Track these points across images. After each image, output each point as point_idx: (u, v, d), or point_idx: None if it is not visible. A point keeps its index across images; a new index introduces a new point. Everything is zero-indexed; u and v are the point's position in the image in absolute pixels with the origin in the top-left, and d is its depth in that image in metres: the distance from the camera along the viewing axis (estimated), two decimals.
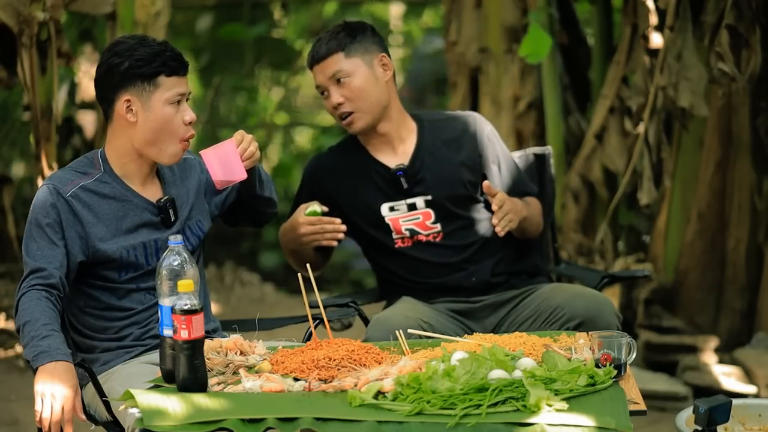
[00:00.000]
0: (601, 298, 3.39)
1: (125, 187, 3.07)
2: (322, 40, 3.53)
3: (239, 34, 8.54)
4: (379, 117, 3.52)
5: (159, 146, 3.04)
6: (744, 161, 5.12)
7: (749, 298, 5.17)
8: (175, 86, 3.03)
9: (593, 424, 2.48)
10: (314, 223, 3.47)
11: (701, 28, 4.80)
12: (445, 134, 3.60)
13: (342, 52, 3.49)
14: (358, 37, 3.51)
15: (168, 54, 3.02)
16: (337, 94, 3.49)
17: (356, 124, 3.51)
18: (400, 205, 3.55)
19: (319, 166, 3.65)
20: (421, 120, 3.63)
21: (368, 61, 3.51)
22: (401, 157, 3.57)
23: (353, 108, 3.49)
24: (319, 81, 3.53)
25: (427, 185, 3.55)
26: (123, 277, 3.06)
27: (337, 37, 3.51)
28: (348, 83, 3.48)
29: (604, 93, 5.31)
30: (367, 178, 3.57)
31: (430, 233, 3.55)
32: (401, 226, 3.55)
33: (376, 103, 3.51)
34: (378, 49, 3.54)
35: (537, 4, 5.33)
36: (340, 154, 3.64)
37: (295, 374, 2.74)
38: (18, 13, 4.84)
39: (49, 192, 3.00)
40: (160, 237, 3.08)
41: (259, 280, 7.62)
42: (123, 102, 3.02)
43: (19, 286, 2.95)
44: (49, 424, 2.71)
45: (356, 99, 3.49)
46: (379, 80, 3.52)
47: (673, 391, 4.81)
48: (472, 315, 3.53)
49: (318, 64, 3.52)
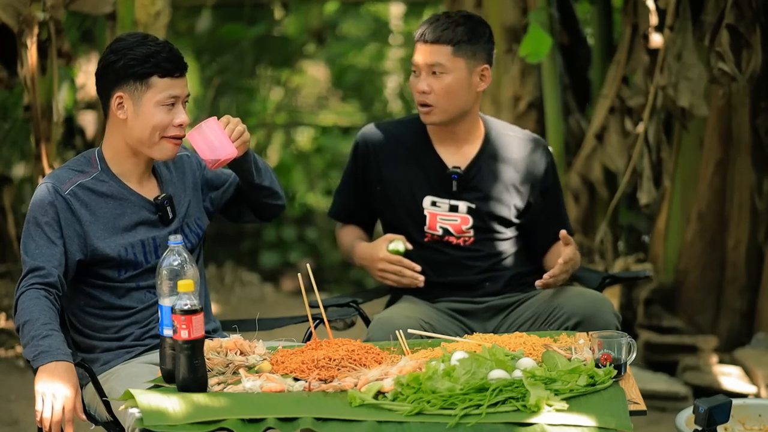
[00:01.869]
0: (600, 297, 3.39)
1: (122, 185, 3.08)
2: (440, 22, 3.45)
3: (239, 34, 8.53)
4: (455, 119, 3.50)
5: (149, 144, 3.04)
6: (744, 161, 5.12)
7: (749, 298, 5.17)
8: (168, 88, 3.02)
9: (593, 424, 2.48)
10: (394, 263, 3.45)
11: (701, 28, 4.80)
12: (508, 151, 3.57)
13: (452, 47, 3.42)
14: (474, 38, 3.45)
15: (163, 55, 3.01)
16: (426, 82, 3.44)
17: (430, 117, 3.48)
18: (443, 202, 3.54)
19: (376, 136, 3.60)
20: (490, 127, 3.59)
21: (471, 66, 3.46)
22: (461, 158, 3.54)
23: (435, 102, 3.45)
24: (416, 60, 3.47)
25: (476, 195, 3.53)
26: (122, 275, 3.06)
27: (455, 29, 3.43)
28: (442, 78, 3.43)
29: (605, 93, 5.31)
30: (420, 165, 3.54)
31: (461, 237, 3.54)
32: (437, 223, 3.53)
33: (458, 108, 3.47)
34: (485, 59, 3.48)
35: (537, 4, 5.33)
36: (402, 129, 3.60)
37: (295, 374, 2.74)
38: (18, 13, 4.84)
39: (47, 190, 3.00)
40: (158, 235, 3.09)
41: (259, 280, 7.61)
42: (115, 98, 3.03)
43: (18, 284, 2.95)
44: (50, 424, 2.70)
45: (442, 96, 3.44)
46: (471, 88, 3.47)
47: (673, 391, 4.81)
48: (474, 315, 3.53)
49: (424, 45, 3.45)
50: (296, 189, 9.18)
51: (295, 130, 9.62)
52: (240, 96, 9.15)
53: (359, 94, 9.56)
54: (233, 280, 7.43)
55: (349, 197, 3.65)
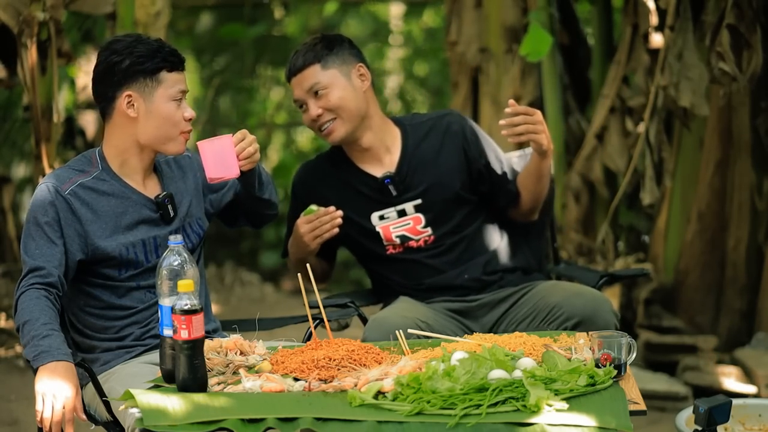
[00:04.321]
0: (599, 296, 3.39)
1: (123, 183, 3.08)
2: (299, 52, 3.53)
3: (239, 34, 8.54)
4: (359, 127, 3.52)
5: (163, 140, 3.06)
6: (744, 161, 5.12)
7: (749, 298, 5.17)
8: (177, 83, 3.05)
9: (593, 424, 2.48)
10: (311, 220, 3.46)
11: (702, 28, 4.80)
12: (428, 137, 3.60)
13: (319, 63, 3.49)
14: (335, 48, 3.51)
15: (167, 50, 3.05)
16: (315, 106, 3.49)
17: (335, 134, 3.51)
18: (389, 212, 3.56)
19: (307, 175, 3.66)
20: (404, 125, 3.62)
21: (346, 72, 3.51)
22: (388, 166, 3.57)
23: (332, 117, 3.49)
24: (297, 95, 3.53)
25: (416, 190, 3.55)
26: (123, 275, 3.06)
27: (313, 48, 3.51)
28: (326, 95, 3.48)
29: (605, 93, 5.31)
30: (354, 189, 3.58)
31: (420, 237, 3.56)
32: (392, 233, 3.56)
33: (356, 113, 3.50)
34: (355, 60, 3.54)
35: (537, 3, 5.33)
36: (327, 163, 3.65)
37: (295, 374, 2.74)
38: (18, 13, 4.84)
39: (47, 190, 3.00)
40: (159, 234, 3.09)
41: (259, 280, 7.62)
42: (124, 98, 3.03)
43: (18, 284, 2.95)
44: (50, 424, 2.70)
45: (335, 110, 3.48)
46: (357, 91, 3.51)
47: (673, 391, 4.81)
48: (470, 314, 3.53)
49: (295, 77, 3.52)
50: None
51: (295, 130, 9.62)
52: (240, 96, 9.16)
53: None
54: (233, 280, 7.43)
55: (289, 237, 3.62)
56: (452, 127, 3.61)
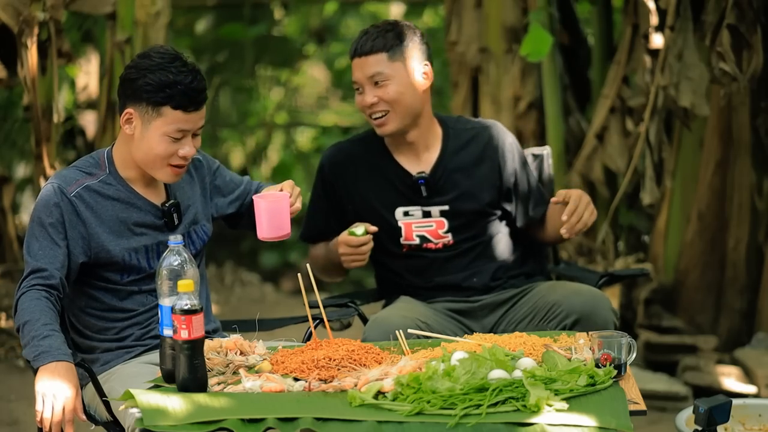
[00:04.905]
0: (598, 294, 3.39)
1: (129, 189, 3.07)
2: (369, 34, 3.46)
3: (239, 34, 8.53)
4: (410, 124, 3.49)
5: (150, 166, 3.02)
6: (744, 161, 5.12)
7: (749, 298, 5.17)
8: (178, 122, 2.96)
9: (593, 424, 2.48)
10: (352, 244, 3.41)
11: (702, 28, 4.80)
12: (468, 146, 3.57)
13: (386, 53, 3.43)
14: (406, 41, 3.46)
15: (180, 88, 2.93)
16: (371, 94, 3.44)
17: (386, 127, 3.47)
18: (415, 210, 3.54)
19: (340, 155, 3.60)
20: (448, 127, 3.59)
21: (411, 68, 3.46)
22: (424, 164, 3.54)
23: (385, 112, 3.45)
24: (356, 77, 3.48)
25: (446, 196, 3.53)
26: (125, 279, 3.06)
27: (385, 36, 3.45)
28: (385, 87, 3.43)
29: (605, 93, 5.31)
30: (386, 179, 3.54)
31: (440, 241, 3.54)
32: (413, 232, 3.53)
33: (410, 111, 3.46)
34: (423, 57, 3.48)
35: (537, 3, 5.33)
36: (361, 147, 3.59)
37: (295, 374, 2.74)
38: (18, 13, 4.84)
39: (53, 191, 2.99)
40: (162, 240, 3.06)
41: (259, 280, 7.61)
42: (125, 114, 3.00)
43: (19, 285, 2.94)
44: (50, 424, 2.70)
45: (391, 103, 3.44)
46: (416, 89, 3.47)
47: (673, 391, 4.80)
48: (471, 314, 3.53)
49: (359, 58, 3.46)
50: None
51: (295, 130, 9.62)
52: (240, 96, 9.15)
53: None
54: (233, 280, 7.43)
55: (319, 221, 3.63)
56: (493, 142, 3.58)
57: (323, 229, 3.62)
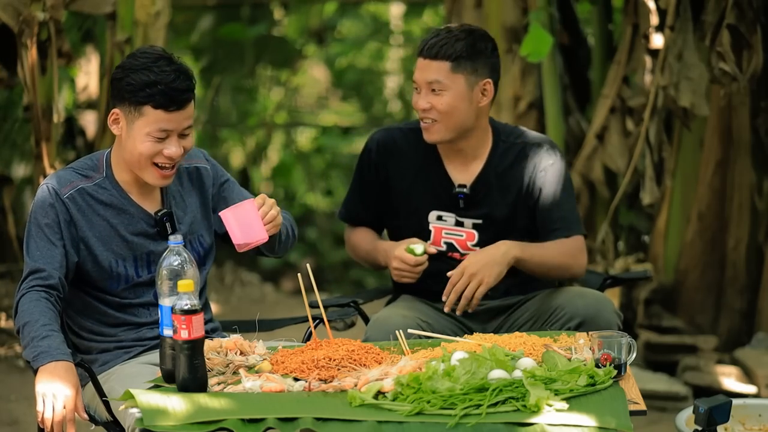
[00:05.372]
0: (601, 297, 3.38)
1: (124, 195, 3.05)
2: (440, 37, 3.36)
3: (239, 34, 8.54)
4: (457, 136, 3.42)
5: (135, 167, 3.00)
6: (744, 161, 5.12)
7: (749, 298, 5.17)
8: (160, 122, 2.93)
9: (593, 424, 2.48)
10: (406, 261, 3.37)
11: (702, 28, 4.80)
12: (513, 161, 3.49)
13: (451, 63, 3.34)
14: (475, 55, 3.36)
15: (160, 87, 2.90)
16: (425, 99, 3.38)
17: (432, 135, 3.41)
18: (449, 217, 3.48)
19: (390, 142, 3.53)
20: (498, 138, 3.50)
21: (472, 83, 3.37)
22: (468, 174, 3.47)
23: (436, 120, 3.38)
24: (416, 77, 3.40)
25: (482, 210, 3.47)
26: (115, 288, 3.04)
27: (454, 44, 3.34)
28: (440, 96, 3.35)
29: (605, 93, 5.31)
30: (427, 180, 3.49)
31: (466, 253, 3.48)
32: (442, 238, 3.49)
33: (458, 125, 3.39)
34: (487, 74, 3.39)
35: (537, 4, 5.33)
36: (411, 141, 3.52)
37: (295, 374, 2.74)
38: (18, 13, 4.84)
39: (48, 192, 2.99)
40: (153, 250, 3.05)
41: (259, 280, 7.62)
42: (112, 113, 3.00)
43: (19, 286, 2.94)
44: (51, 424, 2.70)
45: (442, 113, 3.37)
46: (471, 104, 3.38)
47: (673, 391, 4.80)
48: (473, 316, 3.51)
49: (424, 59, 3.37)
50: (296, 189, 9.19)
51: (295, 130, 9.63)
52: (240, 96, 9.16)
53: (359, 94, 9.57)
54: (233, 280, 7.43)
55: (359, 201, 3.60)
56: (541, 163, 3.49)
57: (361, 211, 3.60)
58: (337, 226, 9.24)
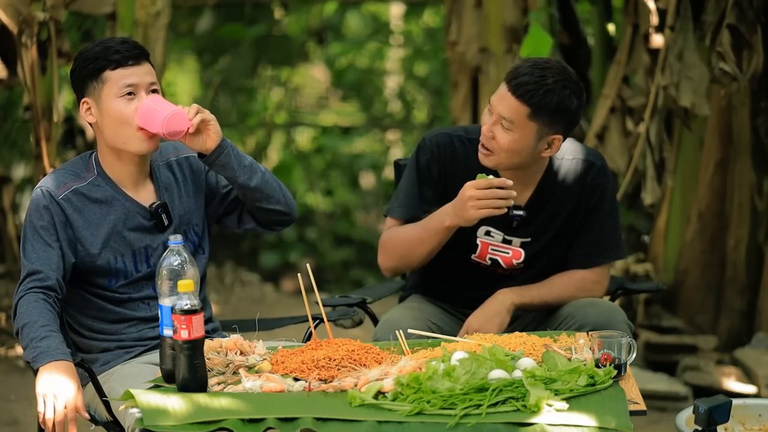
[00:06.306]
0: (612, 306, 3.34)
1: (117, 190, 3.05)
2: (533, 77, 3.18)
3: (239, 34, 8.54)
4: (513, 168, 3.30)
5: (121, 140, 3.01)
6: (744, 161, 5.12)
7: (749, 298, 5.17)
8: (123, 78, 2.98)
9: (593, 424, 2.48)
10: (482, 186, 3.17)
11: (702, 28, 4.80)
12: (564, 181, 3.39)
13: (530, 108, 3.17)
14: (559, 111, 3.19)
15: (110, 51, 2.99)
16: (492, 127, 3.22)
17: (486, 161, 3.27)
18: (497, 233, 3.39)
19: (450, 147, 3.40)
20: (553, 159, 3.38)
21: (542, 133, 3.22)
22: (522, 195, 3.34)
23: (494, 150, 3.25)
24: (494, 102, 3.23)
25: (532, 229, 3.39)
26: (113, 285, 3.04)
27: (544, 95, 3.16)
28: (507, 133, 3.20)
29: (605, 93, 5.31)
30: None
31: (509, 269, 3.42)
32: (488, 254, 3.40)
33: (516, 163, 3.27)
34: (560, 130, 3.23)
35: (537, 4, 5.33)
36: (470, 150, 3.37)
37: (295, 374, 2.74)
38: (18, 13, 4.85)
39: (42, 195, 3.00)
40: (151, 243, 3.06)
41: (259, 280, 7.62)
42: (83, 105, 3.03)
43: (17, 289, 2.94)
44: (53, 424, 2.70)
45: (503, 149, 3.23)
46: (532, 152, 3.24)
47: (673, 391, 4.81)
48: None
49: (507, 90, 3.19)
50: (296, 189, 9.19)
51: (295, 130, 9.62)
52: (240, 96, 9.16)
53: (359, 94, 9.57)
54: (233, 280, 7.43)
55: (417, 201, 3.43)
56: (589, 184, 3.39)
57: (412, 211, 3.42)
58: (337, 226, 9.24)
